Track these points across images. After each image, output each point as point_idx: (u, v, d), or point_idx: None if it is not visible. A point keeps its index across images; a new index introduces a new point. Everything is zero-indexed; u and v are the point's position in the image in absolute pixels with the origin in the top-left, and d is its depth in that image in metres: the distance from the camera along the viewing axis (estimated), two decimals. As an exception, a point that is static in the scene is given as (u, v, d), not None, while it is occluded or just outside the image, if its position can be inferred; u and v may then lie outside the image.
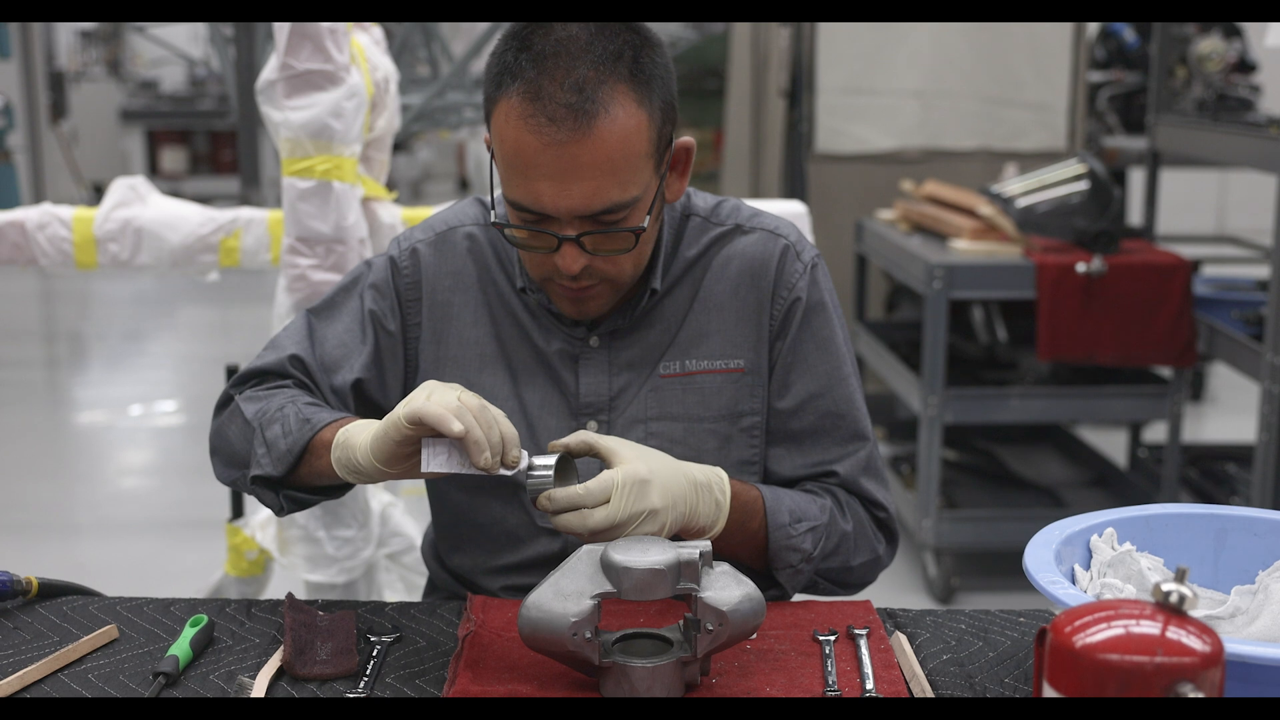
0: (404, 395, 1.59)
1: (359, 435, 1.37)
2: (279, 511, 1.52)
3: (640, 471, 1.35)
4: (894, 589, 3.75)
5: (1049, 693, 0.99)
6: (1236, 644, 1.09)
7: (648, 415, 1.57)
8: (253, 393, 1.56)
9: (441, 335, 1.61)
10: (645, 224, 1.43)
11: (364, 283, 1.63)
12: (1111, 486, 4.24)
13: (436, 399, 1.31)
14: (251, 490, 1.50)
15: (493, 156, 1.46)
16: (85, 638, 1.38)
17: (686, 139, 1.51)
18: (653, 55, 1.42)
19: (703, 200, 1.64)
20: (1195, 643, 0.94)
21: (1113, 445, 4.76)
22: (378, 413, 1.57)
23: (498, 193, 1.49)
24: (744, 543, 1.50)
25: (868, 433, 1.62)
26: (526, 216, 1.43)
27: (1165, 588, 0.96)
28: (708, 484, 1.43)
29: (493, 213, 1.49)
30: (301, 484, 1.49)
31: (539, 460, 1.36)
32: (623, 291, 1.52)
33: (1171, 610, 0.96)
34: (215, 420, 1.59)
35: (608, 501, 1.33)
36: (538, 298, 1.57)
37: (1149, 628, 0.95)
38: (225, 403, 1.59)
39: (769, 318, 1.59)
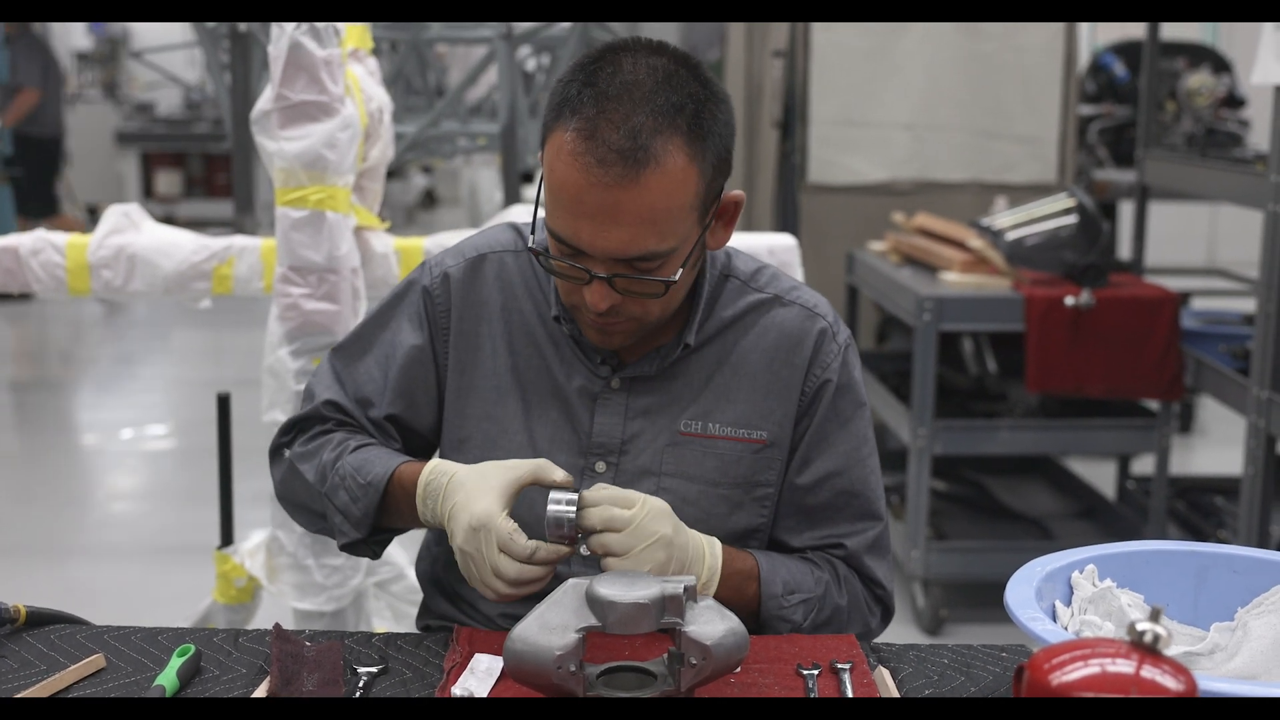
0: (438, 420, 1.65)
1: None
2: (374, 558, 1.61)
3: (664, 504, 1.42)
4: (882, 619, 3.74)
5: (1026, 730, 1.00)
6: (1212, 681, 1.11)
7: (663, 470, 1.58)
8: (301, 448, 1.62)
9: (464, 364, 1.62)
10: (678, 276, 1.45)
11: (399, 317, 1.65)
12: (1100, 518, 4.25)
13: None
14: (342, 548, 1.59)
15: (541, 179, 1.48)
16: (72, 667, 1.38)
17: (737, 193, 1.52)
18: (715, 110, 1.43)
19: (743, 263, 1.65)
20: (1170, 682, 0.96)
21: (1101, 477, 4.78)
22: (419, 438, 1.65)
23: (540, 216, 1.50)
24: (734, 608, 1.51)
25: (881, 513, 1.64)
26: (564, 249, 1.45)
27: (1140, 627, 0.97)
28: (698, 547, 1.47)
29: (532, 238, 1.51)
30: (385, 527, 1.57)
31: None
32: (649, 329, 1.54)
33: (1146, 649, 0.97)
34: (275, 472, 1.67)
35: (631, 508, 1.39)
36: (569, 328, 1.59)
37: (1124, 666, 0.96)
38: (275, 451, 1.67)
39: (800, 395, 1.60)
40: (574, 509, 1.39)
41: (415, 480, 1.48)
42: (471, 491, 1.40)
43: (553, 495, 1.40)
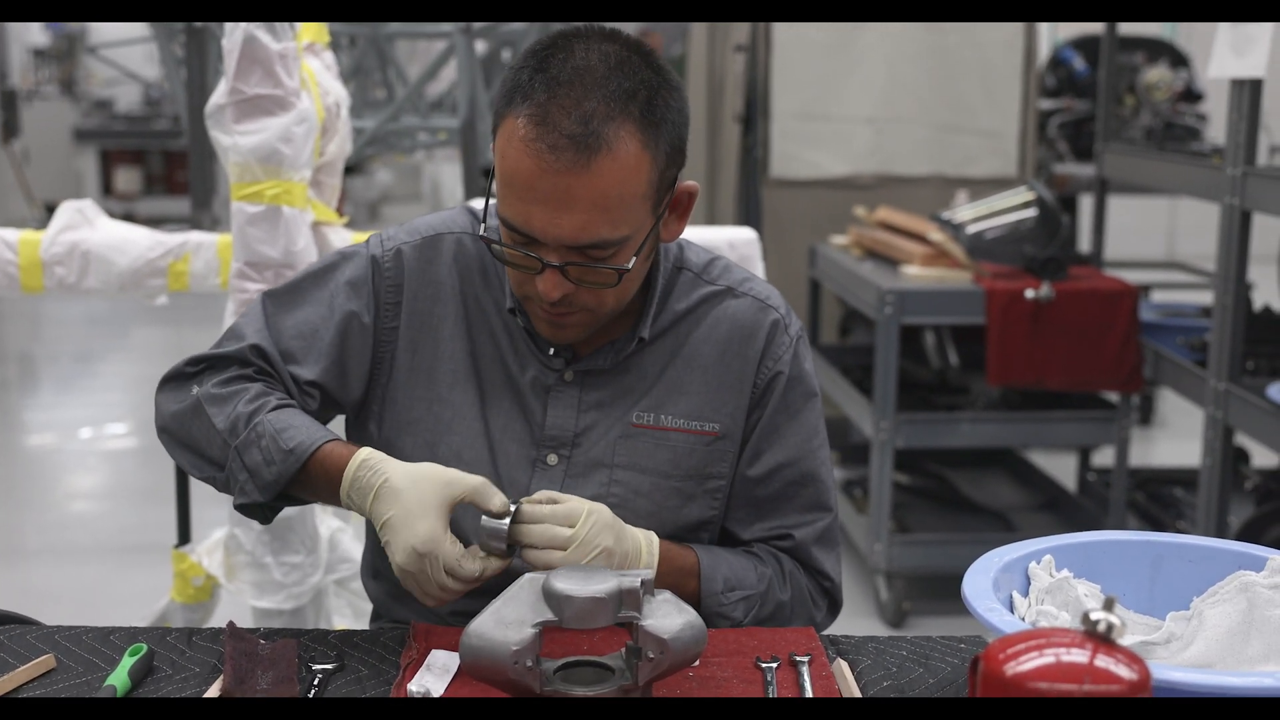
0: (367, 392, 1.59)
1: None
2: (264, 522, 1.54)
3: (606, 515, 1.40)
4: (846, 613, 3.72)
5: None
6: (1167, 670, 1.11)
7: (615, 462, 1.57)
8: (215, 389, 1.51)
9: (417, 344, 1.59)
10: (631, 265, 1.44)
11: (338, 278, 1.59)
12: (1061, 510, 4.28)
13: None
14: (237, 507, 1.50)
15: (493, 169, 1.46)
16: (21, 668, 1.36)
17: (690, 183, 1.51)
18: (668, 98, 1.43)
19: (696, 255, 1.64)
20: (1123, 671, 0.96)
21: (1063, 469, 4.81)
22: (336, 410, 1.60)
23: (492, 204, 1.48)
24: None
25: (830, 505, 1.64)
26: (516, 237, 1.43)
27: (1094, 616, 0.97)
28: (638, 547, 1.47)
29: (483, 225, 1.49)
30: (285, 495, 1.49)
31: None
32: (602, 322, 1.52)
33: (1100, 639, 0.97)
34: (169, 402, 1.55)
35: (574, 525, 1.38)
36: (524, 321, 1.56)
37: (1078, 656, 0.96)
38: (175, 379, 1.55)
39: (751, 387, 1.59)
40: (507, 521, 1.38)
41: (340, 463, 1.43)
42: (410, 508, 1.36)
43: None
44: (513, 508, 1.39)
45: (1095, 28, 5.58)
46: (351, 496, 1.42)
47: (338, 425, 1.67)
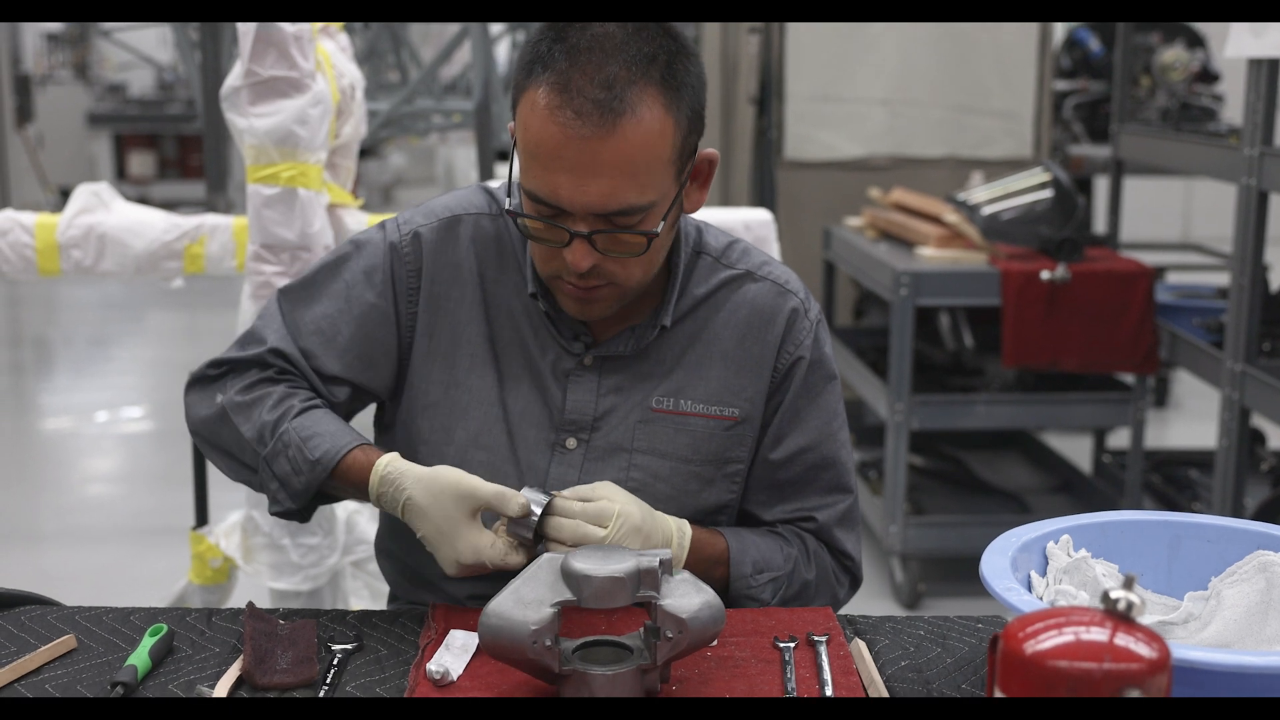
0: (396, 380, 1.60)
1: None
2: (303, 522, 1.57)
3: (635, 518, 1.41)
4: (861, 595, 3.72)
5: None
6: (1186, 650, 1.11)
7: (634, 446, 1.57)
8: (238, 396, 1.53)
9: (434, 328, 1.58)
10: (659, 230, 1.43)
11: (353, 269, 1.59)
12: (1076, 492, 4.27)
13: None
14: (274, 514, 1.53)
15: (514, 145, 1.45)
16: (42, 648, 1.37)
17: (710, 151, 1.50)
18: (686, 63, 1.42)
19: (714, 239, 1.64)
20: (1143, 649, 0.96)
21: (1078, 451, 4.80)
22: (369, 397, 1.61)
23: (515, 181, 1.48)
24: None
25: (851, 486, 1.65)
26: (542, 209, 1.42)
27: (1113, 595, 0.97)
28: (668, 537, 1.48)
29: (508, 200, 1.49)
30: (323, 492, 1.52)
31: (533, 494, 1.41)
32: (629, 297, 1.51)
33: (1120, 617, 0.97)
34: (199, 405, 1.58)
35: (604, 527, 1.39)
36: (545, 304, 1.56)
37: (1098, 634, 0.96)
38: (201, 382, 1.59)
39: (772, 372, 1.60)
40: (539, 512, 1.39)
41: (364, 473, 1.46)
42: (440, 526, 1.39)
43: (525, 492, 1.40)
44: (544, 499, 1.39)
45: (1111, 8, 5.55)
46: (382, 502, 1.46)
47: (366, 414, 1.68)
